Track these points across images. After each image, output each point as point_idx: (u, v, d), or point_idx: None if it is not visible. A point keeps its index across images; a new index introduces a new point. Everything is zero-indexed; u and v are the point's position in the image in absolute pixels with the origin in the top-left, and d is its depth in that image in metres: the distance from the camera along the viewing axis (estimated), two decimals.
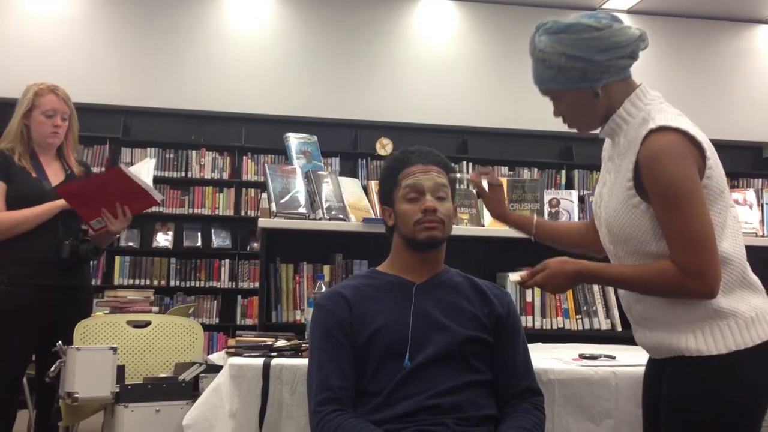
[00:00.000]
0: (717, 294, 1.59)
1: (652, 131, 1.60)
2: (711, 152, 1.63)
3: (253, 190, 6.76)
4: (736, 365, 1.59)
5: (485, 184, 2.10)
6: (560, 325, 3.05)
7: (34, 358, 2.92)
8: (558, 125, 6.67)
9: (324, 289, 2.31)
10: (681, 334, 1.64)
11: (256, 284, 6.14)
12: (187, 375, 2.33)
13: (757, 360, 1.60)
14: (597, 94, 1.68)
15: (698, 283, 1.57)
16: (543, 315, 3.05)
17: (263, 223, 2.81)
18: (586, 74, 1.66)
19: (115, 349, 2.28)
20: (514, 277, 1.86)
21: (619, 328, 3.03)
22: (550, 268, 1.74)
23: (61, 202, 2.80)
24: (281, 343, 2.23)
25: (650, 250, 1.65)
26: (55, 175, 2.91)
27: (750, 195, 3.55)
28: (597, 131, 1.79)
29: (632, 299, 1.75)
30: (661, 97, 1.71)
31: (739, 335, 1.59)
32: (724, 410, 1.60)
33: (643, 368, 1.89)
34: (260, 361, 2.07)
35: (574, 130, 1.83)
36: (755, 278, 1.68)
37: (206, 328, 6.07)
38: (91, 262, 3.12)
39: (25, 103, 2.87)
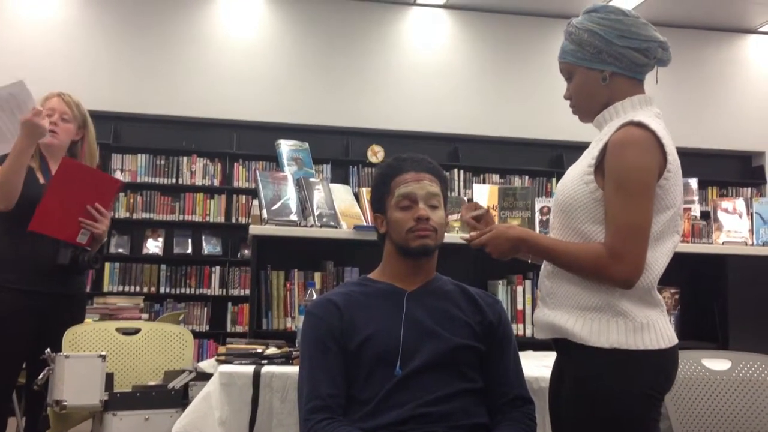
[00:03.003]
0: (633, 285, 1.64)
1: (630, 122, 1.68)
2: (674, 167, 1.68)
3: (244, 196, 6.75)
4: (617, 363, 1.63)
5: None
6: None
7: (24, 365, 2.89)
8: (548, 133, 6.71)
9: (315, 296, 2.30)
10: (571, 317, 1.70)
11: (247, 291, 6.12)
12: (177, 383, 2.31)
13: (640, 365, 1.64)
14: (605, 78, 1.77)
15: (619, 267, 1.62)
16: (534, 323, 3.05)
17: (254, 230, 2.80)
18: (600, 54, 1.76)
19: (103, 357, 2.26)
20: (464, 236, 1.88)
21: None
22: (495, 230, 1.80)
23: (19, 141, 2.69)
24: (272, 350, 2.22)
25: (582, 229, 1.71)
26: None
27: (739, 204, 3.57)
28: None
29: (545, 274, 1.81)
30: (660, 114, 1.77)
31: (624, 335, 1.64)
32: (604, 406, 1.63)
33: None
34: (251, 368, 2.06)
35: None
36: (659, 297, 1.73)
37: (196, 335, 6.05)
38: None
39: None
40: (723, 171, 7.66)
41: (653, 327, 1.67)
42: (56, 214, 2.76)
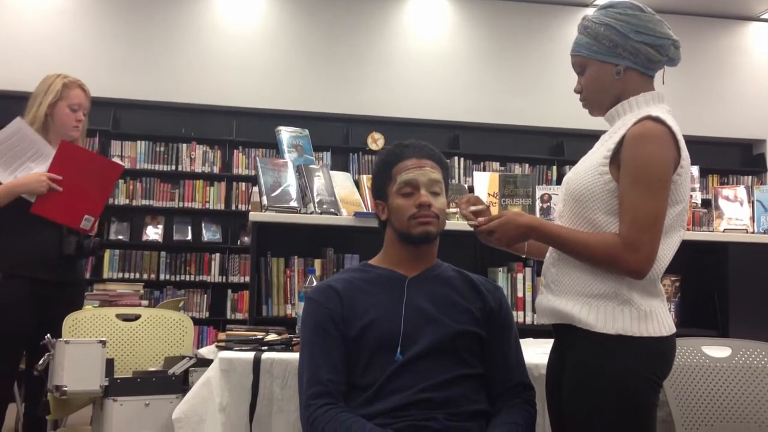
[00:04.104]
0: (646, 275, 1.67)
1: (647, 117, 1.70)
2: (686, 164, 1.72)
3: (243, 183, 6.74)
4: (620, 349, 1.67)
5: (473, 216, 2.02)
6: None
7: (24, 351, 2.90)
8: (549, 121, 6.68)
9: (315, 283, 2.30)
10: (577, 304, 1.72)
11: (247, 278, 6.13)
12: (177, 369, 2.31)
13: (643, 351, 1.68)
14: (619, 72, 1.78)
15: (633, 256, 1.64)
16: (534, 310, 3.06)
17: (254, 216, 2.80)
18: (616, 48, 1.77)
19: (104, 343, 2.26)
20: (471, 223, 1.86)
21: None
22: (505, 217, 1.81)
23: (18, 189, 2.72)
24: (272, 337, 2.22)
25: (595, 218, 1.73)
26: None
27: (741, 192, 3.57)
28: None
29: (550, 262, 1.83)
30: (671, 111, 1.79)
31: (629, 323, 1.67)
32: (607, 390, 1.66)
33: None
34: (251, 355, 2.06)
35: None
36: (661, 287, 1.77)
37: (196, 322, 6.06)
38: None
39: (53, 94, 2.86)
40: (724, 159, 7.65)
41: (656, 316, 1.70)
42: (57, 198, 2.76)
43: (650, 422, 1.69)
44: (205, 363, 2.19)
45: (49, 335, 2.29)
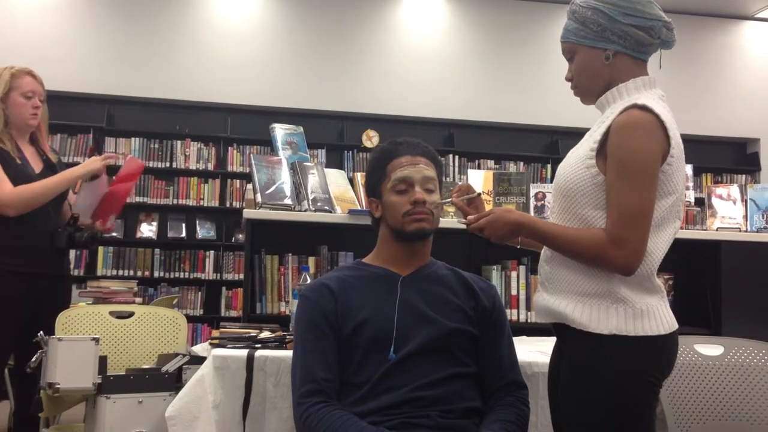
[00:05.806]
0: (634, 272, 1.61)
1: (634, 105, 1.64)
2: (677, 152, 1.65)
3: (238, 180, 6.73)
4: (616, 349, 1.62)
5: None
6: None
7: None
8: (544, 119, 6.69)
9: (309, 280, 2.30)
10: (570, 303, 1.68)
11: (241, 276, 6.12)
12: (171, 366, 2.31)
13: (639, 352, 1.62)
14: (608, 57, 1.73)
15: (619, 253, 1.59)
16: (528, 308, 3.06)
17: (248, 214, 2.79)
18: (604, 32, 1.72)
19: (97, 340, 2.26)
20: (462, 221, 1.85)
21: None
22: (494, 214, 1.77)
23: (77, 172, 2.90)
24: (265, 334, 2.22)
25: (583, 213, 1.68)
26: (33, 162, 2.89)
27: (734, 190, 3.58)
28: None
29: (544, 259, 1.79)
30: (663, 96, 1.74)
31: (624, 322, 1.62)
32: (602, 391, 1.62)
33: None
34: (244, 352, 2.06)
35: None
36: (659, 283, 1.71)
37: (190, 319, 6.05)
38: (74, 251, 3.11)
39: (2, 86, 2.81)
40: (718, 157, 7.66)
41: (653, 313, 1.65)
42: (106, 208, 3.05)
43: (647, 423, 1.65)
44: (198, 360, 2.19)
45: (42, 332, 2.28)
